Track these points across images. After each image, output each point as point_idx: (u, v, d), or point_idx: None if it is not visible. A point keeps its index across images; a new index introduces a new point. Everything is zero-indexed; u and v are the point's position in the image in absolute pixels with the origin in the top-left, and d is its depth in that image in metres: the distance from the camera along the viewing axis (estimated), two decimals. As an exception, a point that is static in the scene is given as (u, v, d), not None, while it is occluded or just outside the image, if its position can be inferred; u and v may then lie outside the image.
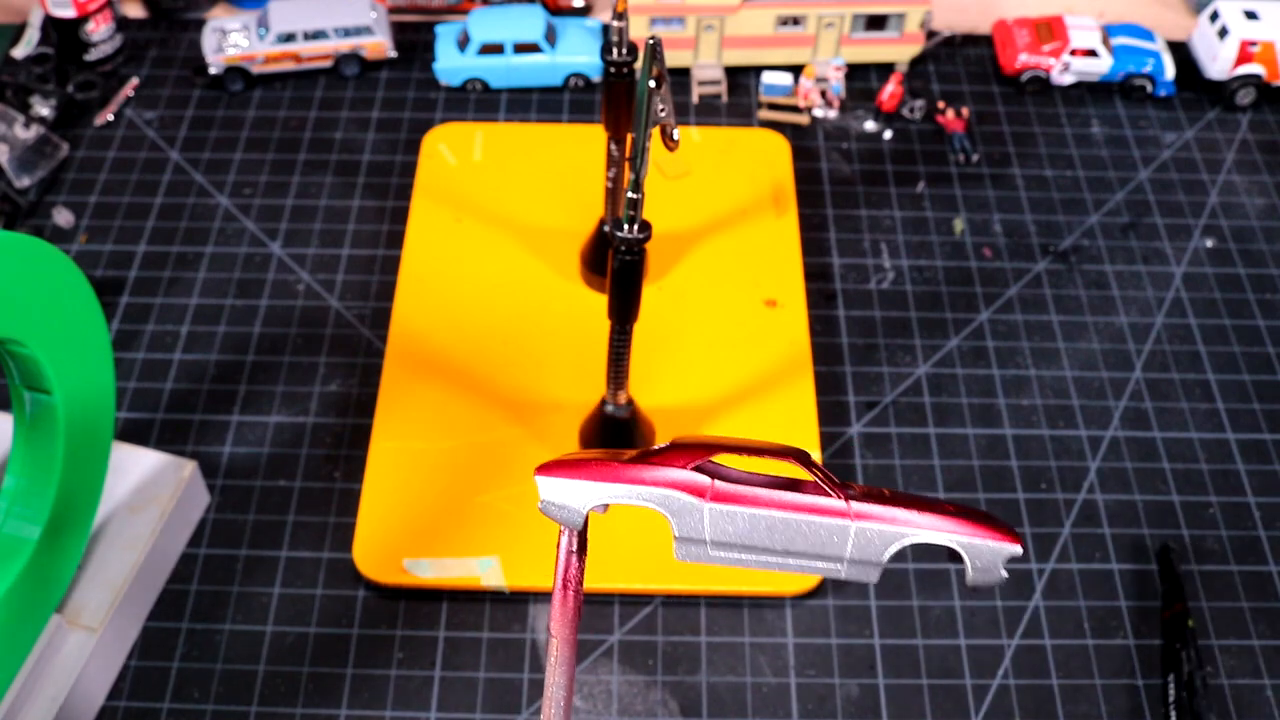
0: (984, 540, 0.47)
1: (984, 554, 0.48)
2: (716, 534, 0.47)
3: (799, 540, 0.47)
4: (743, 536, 0.47)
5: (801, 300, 1.02)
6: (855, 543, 0.47)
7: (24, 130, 1.10)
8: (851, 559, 0.48)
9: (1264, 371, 1.01)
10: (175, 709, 0.81)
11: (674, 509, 0.47)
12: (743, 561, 0.48)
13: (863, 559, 0.47)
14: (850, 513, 0.47)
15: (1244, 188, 1.15)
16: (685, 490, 0.47)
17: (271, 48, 1.19)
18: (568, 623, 0.50)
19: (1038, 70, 1.22)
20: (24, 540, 0.74)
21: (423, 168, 1.12)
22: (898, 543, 0.47)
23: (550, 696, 0.51)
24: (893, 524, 0.47)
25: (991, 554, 0.48)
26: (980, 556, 0.48)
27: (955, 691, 0.83)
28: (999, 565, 0.48)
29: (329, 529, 0.89)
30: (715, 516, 0.47)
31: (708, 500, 0.47)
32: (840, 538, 0.47)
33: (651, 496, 0.47)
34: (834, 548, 0.47)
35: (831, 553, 0.47)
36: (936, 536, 0.47)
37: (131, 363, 0.99)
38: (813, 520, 0.47)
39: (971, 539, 0.47)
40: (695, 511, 0.47)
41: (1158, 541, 0.90)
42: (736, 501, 0.47)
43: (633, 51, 0.86)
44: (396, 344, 0.99)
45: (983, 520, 0.48)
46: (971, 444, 0.95)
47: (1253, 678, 0.84)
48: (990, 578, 0.48)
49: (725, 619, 0.85)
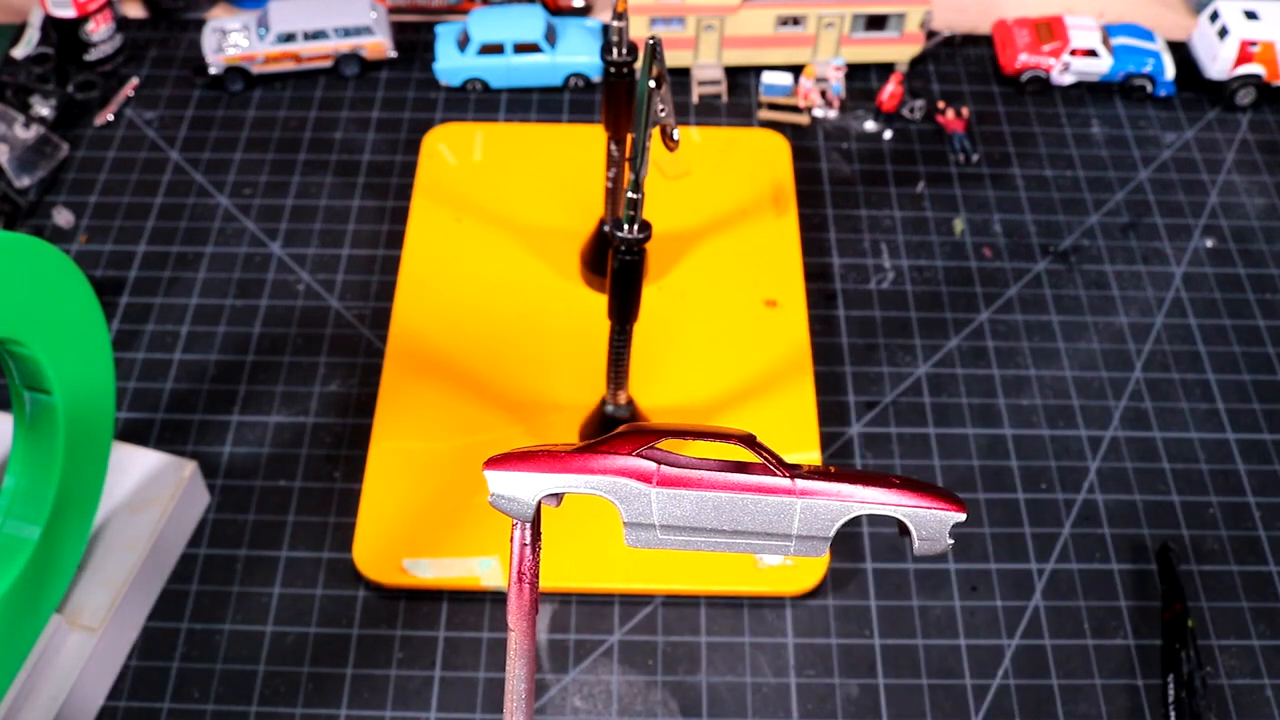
0: (928, 510, 0.48)
1: (929, 523, 0.48)
2: (665, 518, 0.48)
3: (746, 519, 0.48)
4: (690, 519, 0.48)
5: (801, 300, 1.02)
6: (801, 519, 0.48)
7: (24, 130, 1.11)
8: (799, 535, 0.49)
9: (1264, 371, 1.01)
10: (175, 709, 0.81)
11: (622, 495, 0.48)
12: (693, 544, 0.49)
13: (810, 534, 0.49)
14: (795, 490, 0.48)
15: (1244, 188, 1.15)
16: (632, 476, 0.48)
17: (271, 48, 1.19)
18: (525, 615, 0.51)
19: (1038, 70, 1.22)
20: (24, 540, 0.74)
21: (423, 168, 1.12)
22: (843, 516, 0.48)
23: (511, 690, 0.51)
24: (837, 499, 0.48)
25: (936, 523, 0.48)
26: (925, 526, 0.48)
27: (955, 691, 0.83)
28: (944, 534, 0.48)
29: (329, 529, 0.89)
30: (663, 500, 0.48)
31: (654, 485, 0.48)
32: (787, 515, 0.48)
33: (599, 485, 0.48)
34: (781, 525, 0.48)
35: (779, 530, 0.49)
36: (880, 508, 0.48)
37: (131, 363, 0.99)
38: (759, 499, 0.48)
39: (915, 509, 0.48)
40: (643, 497, 0.48)
41: (1158, 541, 0.90)
42: (683, 485, 0.48)
43: (633, 51, 0.86)
44: (396, 344, 0.99)
45: (926, 490, 0.49)
46: (971, 444, 0.95)
47: (1253, 678, 0.84)
48: (936, 546, 0.49)
49: (725, 619, 0.85)
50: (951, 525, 0.49)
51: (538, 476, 0.48)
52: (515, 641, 0.51)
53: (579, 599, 0.86)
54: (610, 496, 0.48)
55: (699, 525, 0.49)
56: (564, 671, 0.83)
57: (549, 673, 0.83)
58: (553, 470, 0.48)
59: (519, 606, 0.51)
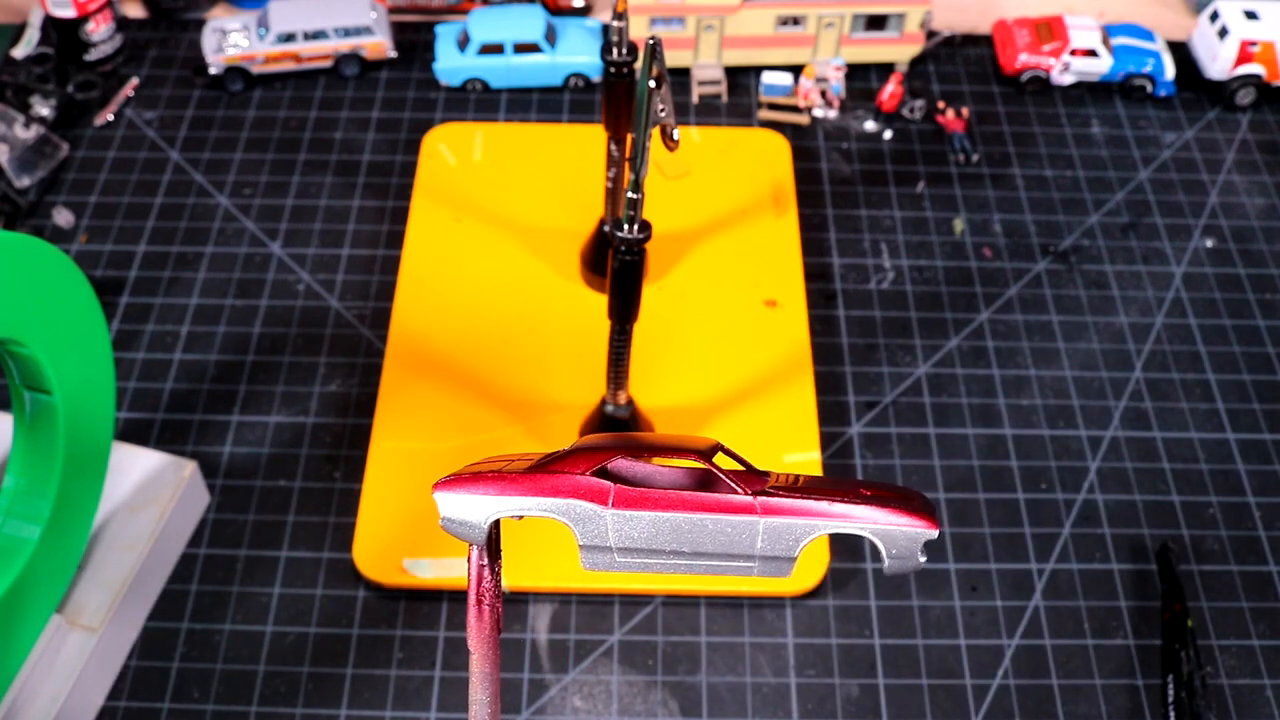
0: (898, 527, 0.45)
1: (899, 541, 0.45)
2: (621, 540, 0.46)
3: (706, 541, 0.46)
4: (648, 540, 0.46)
5: (801, 300, 1.02)
6: (765, 539, 0.46)
7: (24, 130, 1.10)
8: (762, 555, 0.46)
9: (1264, 371, 1.01)
10: (175, 709, 0.81)
11: (576, 518, 0.46)
12: (650, 567, 0.46)
13: (774, 555, 0.46)
14: (758, 509, 0.45)
15: (1244, 188, 1.15)
16: (586, 498, 0.46)
17: (271, 48, 1.19)
18: (485, 638, 0.48)
19: (1038, 70, 1.22)
20: (24, 540, 0.74)
21: (423, 168, 1.12)
22: (808, 536, 0.45)
23: (475, 715, 0.49)
24: (803, 516, 0.45)
25: (907, 540, 0.45)
26: (895, 544, 0.45)
27: (955, 691, 0.83)
28: (916, 551, 0.45)
29: (329, 529, 0.89)
30: (619, 522, 0.46)
31: (609, 506, 0.45)
32: (749, 535, 0.45)
33: (553, 507, 0.46)
34: (743, 546, 0.46)
35: (741, 551, 0.46)
36: (848, 526, 0.45)
37: (131, 363, 0.99)
38: (718, 519, 0.45)
39: (885, 526, 0.45)
40: (598, 519, 0.46)
41: (1158, 541, 0.90)
42: (640, 505, 0.45)
43: (633, 51, 0.86)
44: (396, 344, 0.99)
45: (898, 504, 0.46)
46: (971, 444, 0.95)
47: (1253, 678, 0.84)
48: (907, 564, 0.46)
49: (725, 619, 0.85)
50: (924, 542, 0.46)
51: (488, 499, 0.46)
52: (476, 665, 0.49)
53: (579, 599, 0.86)
54: (564, 519, 0.46)
55: (657, 547, 0.46)
56: (564, 671, 0.83)
57: (549, 673, 0.83)
58: (504, 493, 0.46)
59: (479, 629, 0.48)
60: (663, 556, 0.46)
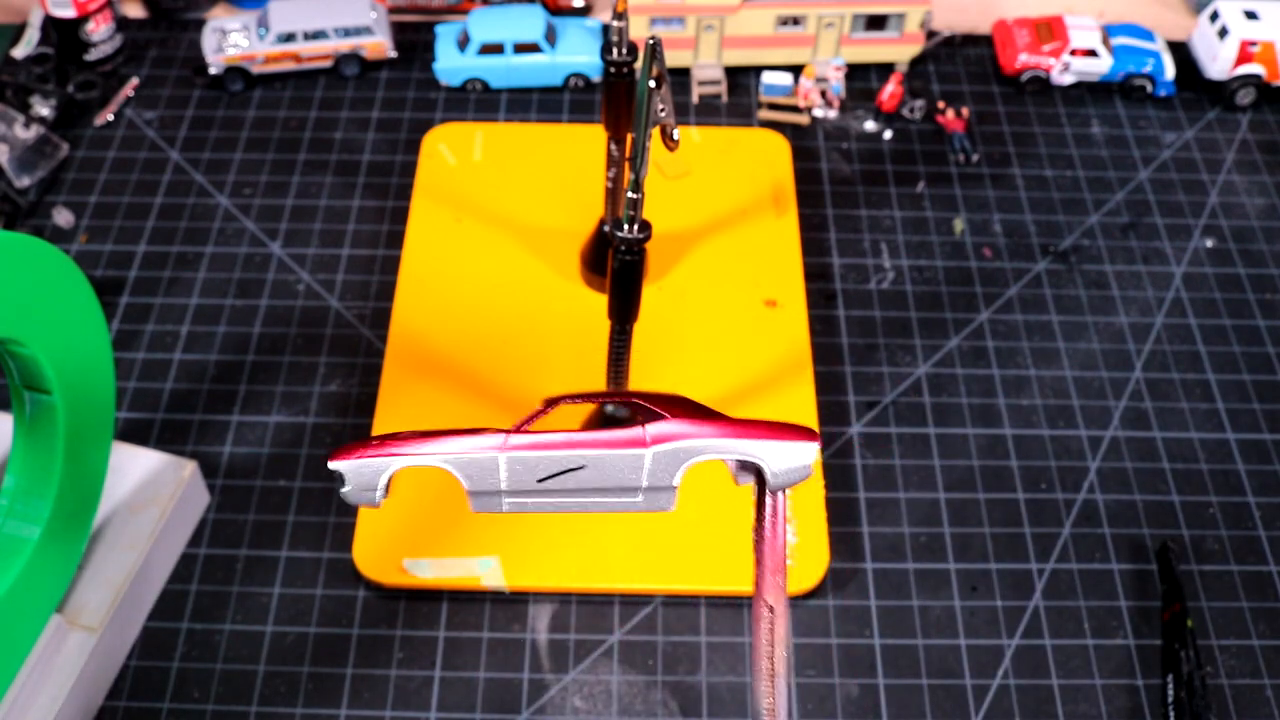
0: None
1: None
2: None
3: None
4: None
5: (801, 300, 1.02)
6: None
7: (24, 130, 1.11)
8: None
9: (1264, 371, 1.01)
10: (175, 709, 0.81)
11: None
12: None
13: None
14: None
15: (1244, 188, 1.15)
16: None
17: (271, 48, 1.19)
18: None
19: (1038, 70, 1.22)
20: (24, 540, 0.74)
21: (423, 168, 1.12)
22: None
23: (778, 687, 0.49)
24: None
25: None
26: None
27: (955, 691, 0.83)
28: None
29: (329, 529, 0.89)
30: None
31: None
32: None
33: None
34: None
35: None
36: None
37: (131, 363, 0.99)
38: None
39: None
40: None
41: (1158, 541, 0.90)
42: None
43: (633, 51, 0.86)
44: (396, 344, 0.99)
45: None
46: (971, 444, 0.95)
47: (1253, 678, 0.84)
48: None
49: (725, 619, 0.85)
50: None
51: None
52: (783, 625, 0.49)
53: (579, 599, 0.86)
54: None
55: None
56: (564, 671, 0.83)
57: (549, 673, 0.83)
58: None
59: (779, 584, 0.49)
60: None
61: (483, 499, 0.48)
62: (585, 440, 0.47)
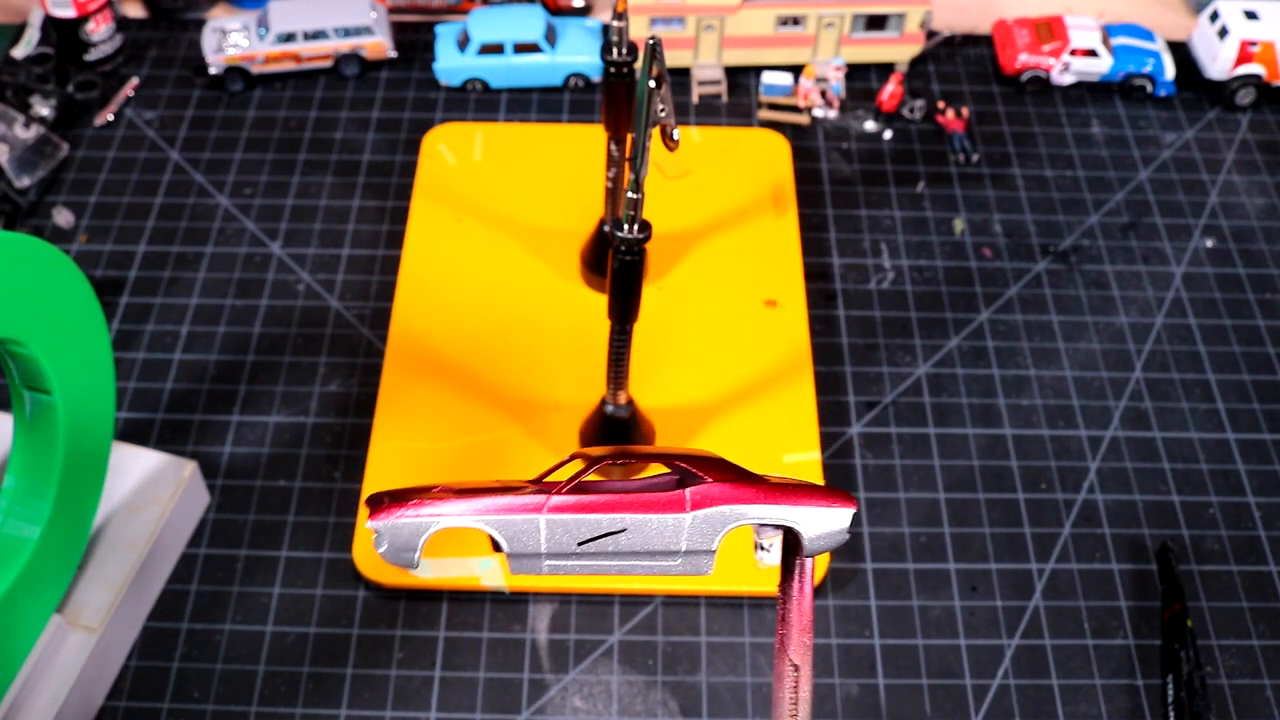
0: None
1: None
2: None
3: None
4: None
5: (801, 300, 1.02)
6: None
7: (24, 130, 1.11)
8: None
9: (1264, 371, 1.01)
10: (175, 709, 0.81)
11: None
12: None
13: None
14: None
15: (1244, 188, 1.15)
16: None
17: (271, 48, 1.19)
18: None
19: (1038, 70, 1.22)
20: (24, 540, 0.74)
21: (423, 168, 1.12)
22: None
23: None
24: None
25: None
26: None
27: (955, 691, 0.83)
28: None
29: (329, 529, 0.89)
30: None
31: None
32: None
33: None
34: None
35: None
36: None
37: (131, 363, 0.99)
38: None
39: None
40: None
41: (1158, 541, 0.90)
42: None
43: (633, 51, 0.86)
44: (396, 344, 0.99)
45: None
46: (971, 444, 0.95)
47: (1253, 678, 0.84)
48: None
49: (725, 619, 0.85)
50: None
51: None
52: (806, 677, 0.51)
53: (579, 599, 0.86)
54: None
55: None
56: (564, 671, 0.83)
57: (549, 673, 0.83)
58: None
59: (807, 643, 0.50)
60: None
61: (523, 561, 0.47)
62: (626, 503, 0.47)
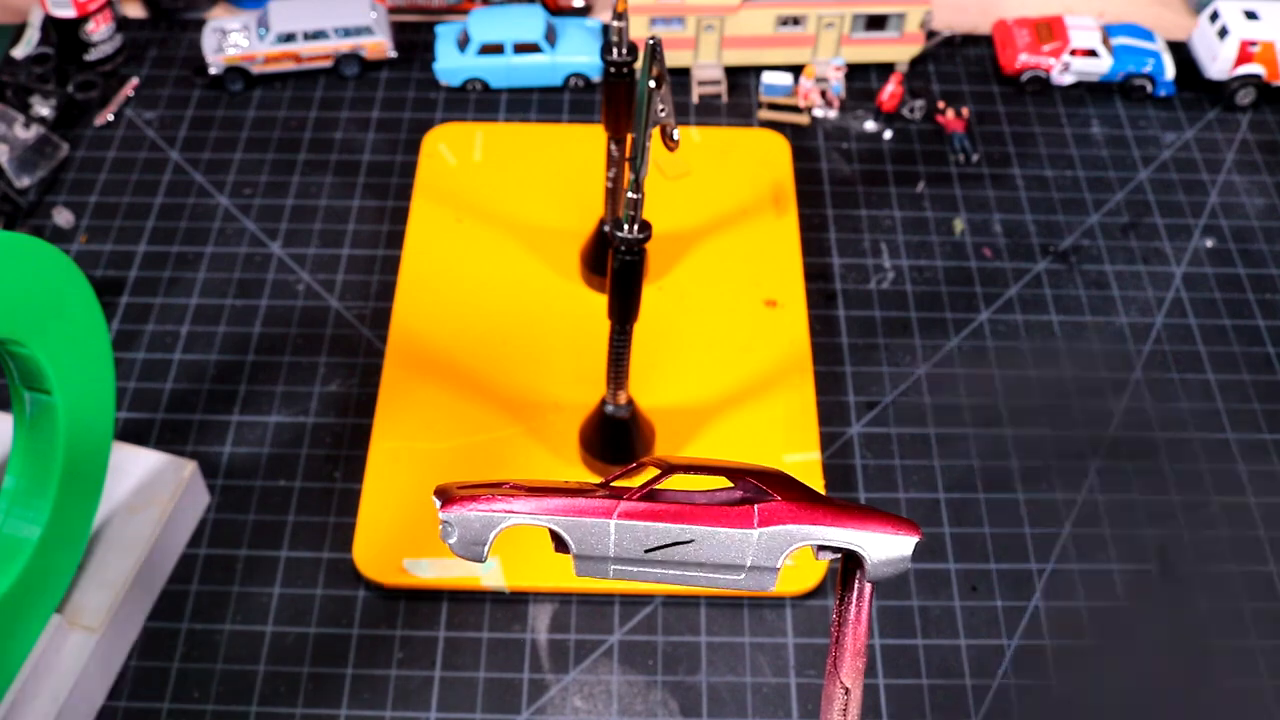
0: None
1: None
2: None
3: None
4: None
5: (801, 300, 1.02)
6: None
7: (24, 130, 1.11)
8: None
9: (1264, 371, 1.01)
10: (175, 709, 0.81)
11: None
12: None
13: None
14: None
15: (1244, 188, 1.15)
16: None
17: (271, 48, 1.19)
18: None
19: (1038, 70, 1.22)
20: (24, 540, 0.74)
21: (423, 168, 1.12)
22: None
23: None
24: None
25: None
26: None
27: (955, 691, 0.83)
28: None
29: (329, 529, 0.89)
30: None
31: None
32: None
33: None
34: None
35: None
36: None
37: (131, 363, 0.99)
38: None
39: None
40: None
41: (1158, 541, 0.90)
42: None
43: (633, 51, 0.86)
44: (396, 344, 0.99)
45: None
46: (971, 444, 0.95)
47: (1253, 678, 0.84)
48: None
49: (725, 619, 0.85)
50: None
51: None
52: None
53: (579, 599, 0.86)
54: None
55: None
56: (564, 671, 0.83)
57: (549, 673, 0.83)
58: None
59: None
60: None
61: (589, 564, 0.48)
62: (695, 514, 0.47)
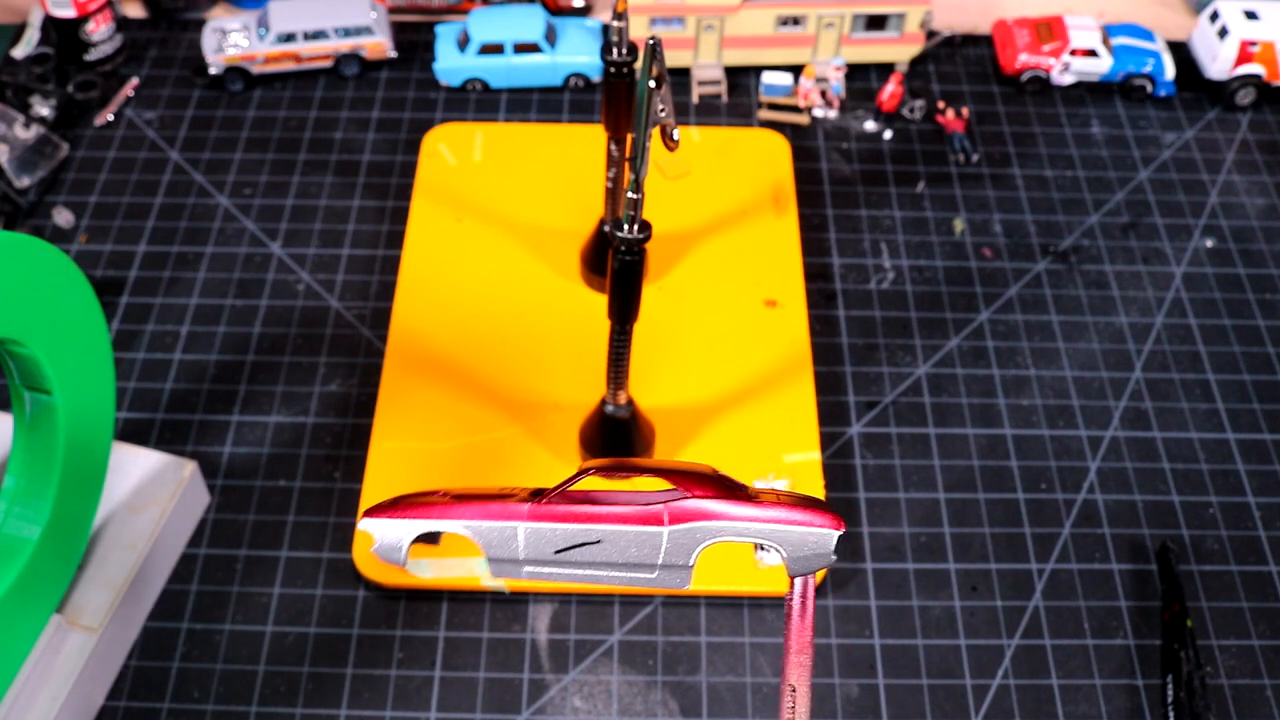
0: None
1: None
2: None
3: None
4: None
5: (801, 300, 1.02)
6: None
7: (24, 130, 1.11)
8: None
9: (1264, 371, 1.01)
10: (175, 709, 0.81)
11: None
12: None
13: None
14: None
15: (1244, 188, 1.15)
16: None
17: (271, 48, 1.19)
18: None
19: (1038, 70, 1.22)
20: (24, 540, 0.74)
21: (423, 168, 1.12)
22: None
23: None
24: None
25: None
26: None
27: (955, 691, 0.83)
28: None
29: (329, 529, 0.89)
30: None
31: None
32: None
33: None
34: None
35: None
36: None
37: (131, 363, 0.99)
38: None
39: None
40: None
41: (1158, 541, 0.90)
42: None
43: (633, 51, 0.86)
44: (396, 344, 0.99)
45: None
46: (971, 444, 0.95)
47: (1253, 678, 0.84)
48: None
49: (725, 619, 0.85)
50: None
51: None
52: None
53: (579, 599, 0.86)
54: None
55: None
56: (564, 671, 0.83)
57: (549, 673, 0.83)
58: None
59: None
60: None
61: (502, 565, 0.48)
62: (604, 515, 0.47)
